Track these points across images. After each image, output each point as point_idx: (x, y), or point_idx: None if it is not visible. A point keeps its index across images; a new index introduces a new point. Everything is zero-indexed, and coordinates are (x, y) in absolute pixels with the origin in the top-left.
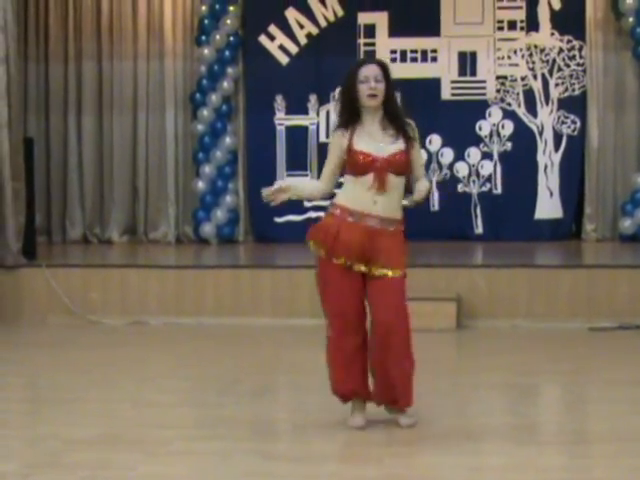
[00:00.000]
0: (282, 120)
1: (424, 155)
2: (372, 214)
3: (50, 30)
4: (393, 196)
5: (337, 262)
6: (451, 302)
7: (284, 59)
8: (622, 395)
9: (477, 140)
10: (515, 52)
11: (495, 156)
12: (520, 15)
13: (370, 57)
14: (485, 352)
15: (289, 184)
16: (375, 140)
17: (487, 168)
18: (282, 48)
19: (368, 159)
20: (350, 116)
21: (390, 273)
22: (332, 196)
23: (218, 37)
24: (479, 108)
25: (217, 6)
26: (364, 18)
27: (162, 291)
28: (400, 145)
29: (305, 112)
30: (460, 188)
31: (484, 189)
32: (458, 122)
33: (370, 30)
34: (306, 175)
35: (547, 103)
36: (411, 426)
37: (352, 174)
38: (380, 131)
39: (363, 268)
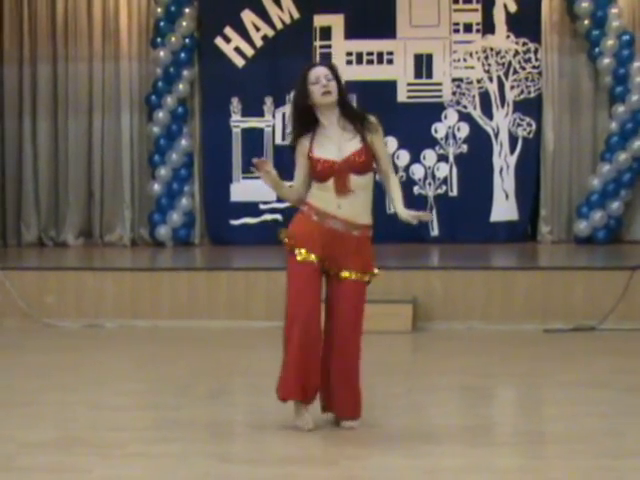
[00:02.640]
0: (238, 122)
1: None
2: (337, 217)
3: (4, 32)
4: (358, 197)
5: (300, 258)
6: (407, 304)
7: (240, 61)
8: (577, 396)
9: (433, 142)
10: (471, 54)
11: (451, 158)
12: (476, 18)
13: (317, 61)
14: (441, 354)
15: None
16: (333, 142)
17: (443, 170)
18: (238, 50)
19: (326, 165)
20: (308, 122)
21: (353, 276)
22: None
23: (174, 39)
24: (435, 110)
25: (173, 8)
26: (320, 20)
27: (118, 294)
28: (357, 142)
29: (261, 114)
30: (416, 190)
31: (440, 191)
32: (414, 124)
33: (326, 32)
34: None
35: (503, 105)
36: (352, 428)
37: (316, 181)
38: (338, 130)
39: (324, 263)
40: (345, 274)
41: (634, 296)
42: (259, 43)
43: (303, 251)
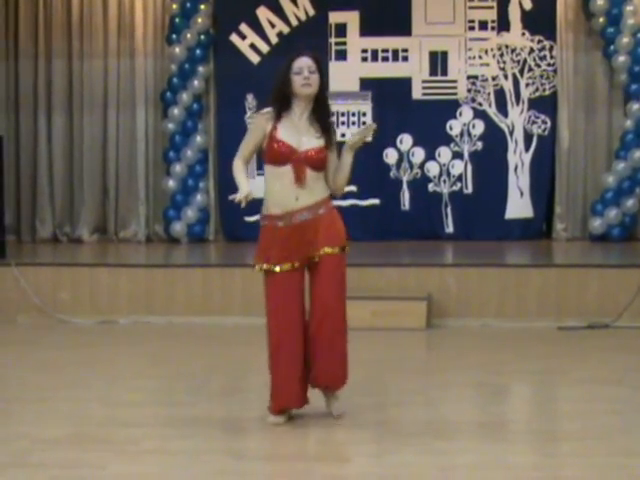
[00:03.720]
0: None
1: (395, 155)
2: (299, 209)
3: (20, 28)
4: (313, 188)
5: (280, 270)
6: (421, 301)
7: (255, 58)
8: (591, 394)
9: (448, 140)
10: (486, 52)
11: (466, 156)
12: (491, 15)
13: (304, 49)
14: (455, 351)
15: (248, 190)
16: (299, 133)
17: (458, 168)
18: (253, 47)
19: (285, 148)
20: (280, 105)
21: (329, 251)
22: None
23: (189, 36)
24: (450, 108)
25: (188, 4)
26: (335, 17)
27: (132, 290)
28: (321, 142)
29: None
30: (431, 188)
31: (455, 188)
32: (429, 122)
33: (341, 29)
34: None
35: (518, 103)
36: (341, 416)
37: (271, 163)
38: (306, 124)
39: (298, 264)
40: (321, 251)
41: None
42: (274, 40)
43: (277, 266)
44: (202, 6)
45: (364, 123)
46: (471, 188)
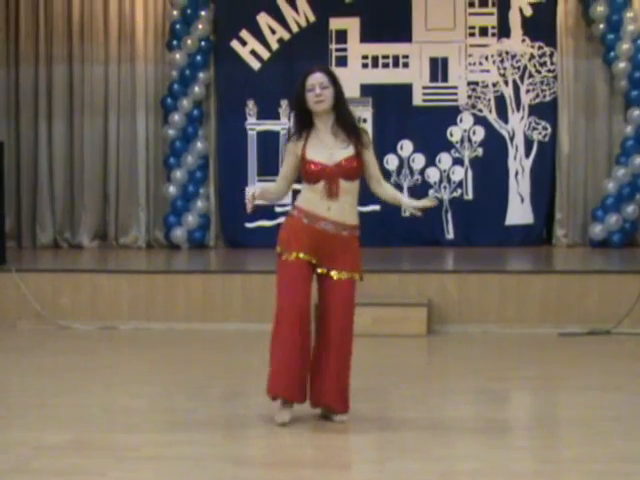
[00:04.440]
0: (253, 125)
1: (395, 161)
2: (327, 218)
3: (20, 34)
4: (346, 201)
5: (292, 258)
6: (422, 307)
7: (256, 64)
8: (592, 400)
9: (448, 146)
10: (486, 58)
11: (466, 162)
12: (492, 21)
13: (317, 66)
14: (455, 357)
15: (260, 190)
16: (326, 147)
17: (458, 174)
18: (254, 53)
19: (318, 168)
20: (303, 124)
21: (343, 276)
22: (294, 199)
23: (190, 42)
24: (450, 114)
25: (189, 11)
26: (336, 23)
27: (133, 296)
28: (350, 150)
29: (276, 117)
30: (431, 194)
31: (455, 195)
32: (429, 128)
33: (342, 36)
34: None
35: (518, 109)
36: (344, 422)
37: (306, 182)
38: (331, 137)
39: (314, 261)
40: (335, 273)
41: None
42: (275, 46)
43: (293, 253)
44: (202, 12)
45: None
46: (471, 194)
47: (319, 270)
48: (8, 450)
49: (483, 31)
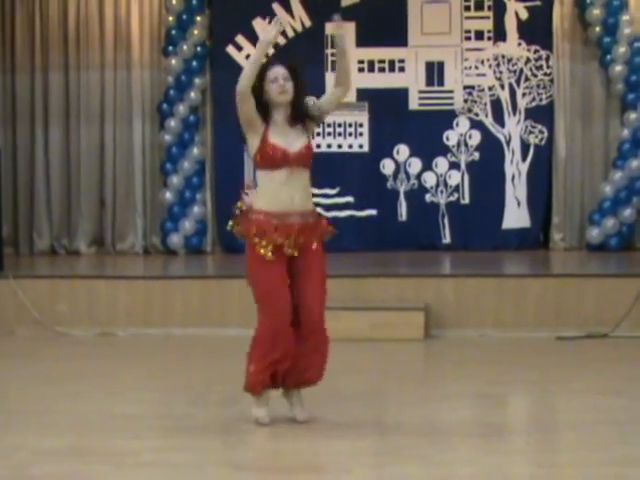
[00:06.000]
0: None
1: (391, 165)
2: (293, 211)
3: (16, 41)
4: (305, 187)
5: (269, 251)
6: (419, 312)
7: None
8: (589, 404)
9: (445, 150)
10: (482, 62)
11: (463, 166)
12: (487, 25)
13: (278, 59)
14: (453, 362)
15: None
16: (285, 137)
17: (455, 178)
18: (249, 58)
19: (281, 153)
20: (263, 113)
21: (313, 246)
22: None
23: (185, 47)
24: (447, 118)
25: (184, 16)
26: (332, 28)
27: (130, 302)
28: (305, 139)
29: None
30: (428, 198)
31: (452, 199)
32: (426, 132)
33: None
34: None
35: (514, 113)
36: (306, 421)
37: (266, 168)
38: (288, 128)
39: (290, 251)
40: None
41: None
42: (270, 51)
43: (270, 244)
44: (198, 18)
45: (360, 134)
46: (468, 198)
47: (292, 252)
48: (7, 456)
49: (479, 35)
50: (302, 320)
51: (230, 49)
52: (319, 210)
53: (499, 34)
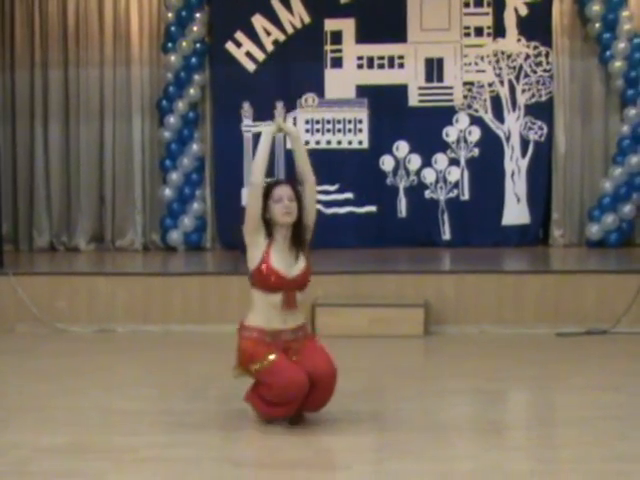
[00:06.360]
0: (249, 127)
1: (391, 162)
2: (285, 330)
3: (16, 38)
4: (298, 309)
5: (268, 361)
6: (419, 308)
7: (251, 66)
8: (589, 400)
9: (444, 146)
10: (482, 58)
11: (462, 162)
12: (487, 21)
13: (282, 180)
14: (452, 358)
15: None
16: (285, 260)
17: (454, 174)
18: (249, 55)
19: (279, 279)
20: (266, 230)
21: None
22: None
23: (184, 44)
24: (446, 114)
25: (183, 13)
26: (331, 25)
27: (129, 298)
28: (302, 264)
29: (272, 119)
30: (427, 194)
31: (451, 195)
32: (425, 128)
33: (337, 37)
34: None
35: (514, 109)
36: (304, 417)
37: (262, 290)
38: (287, 249)
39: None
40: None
41: None
42: (270, 48)
43: (267, 358)
44: (197, 14)
45: (360, 130)
46: (468, 195)
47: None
48: (6, 453)
49: (478, 31)
50: (321, 373)
51: (229, 45)
52: (318, 207)
53: (499, 30)
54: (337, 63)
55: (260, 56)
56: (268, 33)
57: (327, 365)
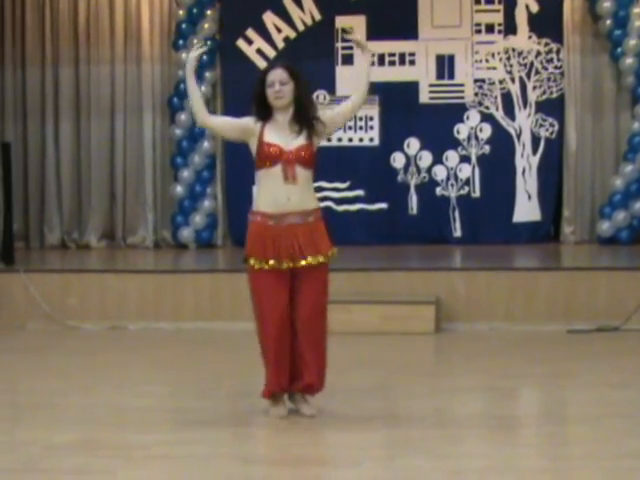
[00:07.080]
0: None
1: (402, 159)
2: (290, 211)
3: (27, 35)
4: (304, 188)
5: (268, 267)
6: (430, 305)
7: (262, 63)
8: (601, 397)
9: (455, 143)
10: (493, 55)
11: (473, 159)
12: (498, 18)
13: (278, 61)
14: (463, 355)
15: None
16: (283, 135)
17: (465, 171)
18: (260, 52)
19: (276, 150)
20: (263, 114)
21: (312, 262)
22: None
23: (196, 41)
24: (457, 111)
25: (194, 10)
26: (342, 21)
27: (141, 296)
28: (303, 140)
29: None
30: (438, 191)
31: (462, 192)
32: (436, 125)
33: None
34: None
35: (525, 106)
36: (313, 416)
37: (262, 167)
38: (287, 128)
39: (292, 265)
40: (303, 262)
41: None
42: (281, 45)
43: (264, 262)
44: (208, 12)
45: (371, 127)
46: (479, 192)
47: (292, 265)
48: (18, 450)
49: (489, 28)
50: (294, 320)
51: (240, 43)
52: (329, 204)
53: (510, 27)
54: (348, 60)
55: (271, 53)
56: (279, 30)
57: (310, 312)
